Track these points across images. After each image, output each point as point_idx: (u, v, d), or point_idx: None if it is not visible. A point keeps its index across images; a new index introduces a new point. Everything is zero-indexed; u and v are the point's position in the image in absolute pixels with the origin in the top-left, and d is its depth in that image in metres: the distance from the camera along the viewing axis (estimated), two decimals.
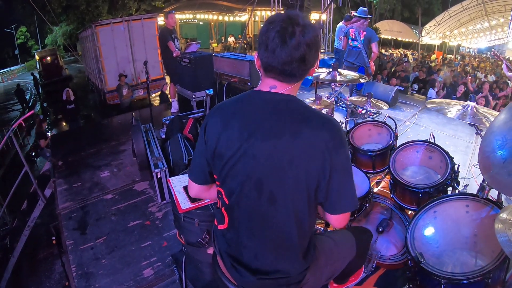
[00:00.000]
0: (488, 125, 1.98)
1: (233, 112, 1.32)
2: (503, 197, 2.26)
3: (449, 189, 2.54)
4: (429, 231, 2.04)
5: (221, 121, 1.31)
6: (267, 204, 1.27)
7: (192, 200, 2.23)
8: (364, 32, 5.64)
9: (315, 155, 1.21)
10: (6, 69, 29.46)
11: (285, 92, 1.29)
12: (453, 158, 2.53)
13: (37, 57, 20.55)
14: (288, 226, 1.29)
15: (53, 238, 3.94)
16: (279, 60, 1.20)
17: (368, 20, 5.73)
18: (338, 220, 1.37)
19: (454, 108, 2.27)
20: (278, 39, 1.18)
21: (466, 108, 2.23)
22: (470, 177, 3.57)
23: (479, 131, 2.21)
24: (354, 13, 6.01)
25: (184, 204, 2.21)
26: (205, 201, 2.22)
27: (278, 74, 1.26)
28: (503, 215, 1.43)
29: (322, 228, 2.62)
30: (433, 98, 9.06)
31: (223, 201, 1.39)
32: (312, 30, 1.20)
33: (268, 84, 1.30)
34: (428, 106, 2.40)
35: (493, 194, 2.36)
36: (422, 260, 1.76)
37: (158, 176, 3.64)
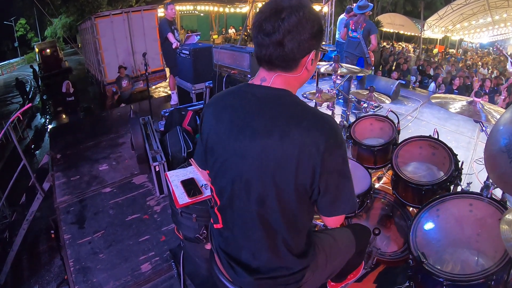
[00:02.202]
0: (493, 122, 1.94)
1: (225, 105, 1.26)
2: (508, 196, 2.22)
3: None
4: (431, 230, 2.01)
5: (213, 114, 1.27)
6: (256, 205, 1.21)
7: (190, 195, 2.19)
8: (364, 24, 5.61)
9: (305, 157, 1.12)
10: (6, 62, 29.27)
11: (277, 86, 1.20)
12: (457, 155, 2.49)
13: (36, 50, 20.43)
14: (279, 226, 1.24)
15: (52, 231, 3.92)
16: (258, 44, 1.15)
17: (367, 13, 5.69)
18: (332, 221, 1.32)
19: (459, 104, 2.23)
20: (256, 26, 1.14)
21: (471, 104, 2.18)
22: (472, 173, 3.54)
23: (484, 128, 2.16)
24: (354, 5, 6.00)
25: (182, 199, 2.18)
26: (203, 196, 2.19)
27: (262, 61, 1.20)
28: (509, 216, 1.38)
29: (322, 223, 2.59)
30: (433, 92, 9.04)
31: (214, 200, 1.35)
32: (297, 14, 1.09)
33: (259, 76, 1.24)
34: (433, 101, 2.35)
35: (496, 192, 2.33)
36: (424, 260, 1.73)
37: (157, 170, 3.60)
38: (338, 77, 3.38)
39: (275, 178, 1.15)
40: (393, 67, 12.53)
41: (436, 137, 2.73)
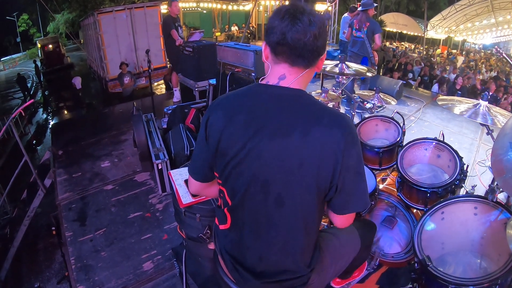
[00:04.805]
0: (499, 125, 1.93)
1: (237, 107, 1.24)
2: None
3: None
4: (436, 232, 2.00)
5: (224, 116, 1.24)
6: (274, 206, 1.21)
7: (194, 194, 2.18)
8: (368, 23, 5.58)
9: (326, 156, 1.14)
10: (8, 57, 29.31)
11: (294, 86, 1.21)
12: (462, 157, 2.47)
13: (39, 45, 20.48)
14: (295, 228, 1.24)
15: (53, 228, 3.92)
16: (292, 36, 1.13)
17: (370, 12, 5.65)
18: (342, 220, 1.33)
19: (465, 106, 2.21)
20: (289, 18, 1.14)
21: (477, 107, 2.17)
22: (474, 175, 3.53)
23: (490, 131, 2.15)
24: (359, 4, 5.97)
25: (185, 198, 2.17)
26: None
27: (288, 55, 1.18)
28: None
29: (325, 224, 2.58)
30: (436, 93, 9.02)
31: (225, 201, 1.33)
32: (320, 16, 1.17)
33: (276, 74, 1.23)
34: (439, 103, 2.34)
35: (500, 195, 2.32)
36: (429, 263, 1.72)
37: (159, 168, 3.59)
38: (344, 77, 3.37)
39: (297, 177, 1.16)
40: (395, 67, 12.50)
41: (442, 139, 2.72)
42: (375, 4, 5.69)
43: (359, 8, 5.73)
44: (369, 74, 3.12)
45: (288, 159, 1.15)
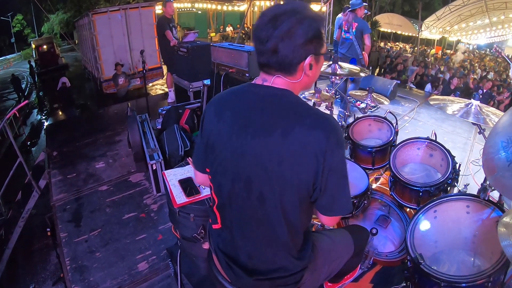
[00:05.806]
0: (491, 125, 1.94)
1: (227, 104, 1.27)
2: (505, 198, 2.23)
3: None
4: (428, 231, 2.01)
5: (215, 113, 1.27)
6: (257, 203, 1.22)
7: (188, 194, 2.19)
8: (356, 24, 5.54)
9: (307, 156, 1.12)
10: (2, 58, 29.10)
11: (278, 86, 1.21)
12: (455, 157, 2.49)
13: (33, 46, 20.33)
14: (279, 225, 1.24)
15: (48, 229, 3.90)
16: (256, 50, 1.20)
17: (360, 12, 5.61)
18: (329, 220, 1.33)
19: (457, 106, 2.23)
20: (256, 33, 1.18)
21: (469, 106, 2.19)
22: (468, 174, 3.56)
23: (482, 131, 2.17)
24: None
25: (179, 198, 2.17)
26: (201, 195, 2.18)
27: (260, 66, 1.23)
28: (506, 219, 1.39)
29: (319, 223, 2.59)
30: (429, 92, 9.08)
31: (213, 198, 1.36)
32: (290, 20, 1.11)
33: (260, 78, 1.26)
34: (431, 103, 2.36)
35: (493, 194, 2.35)
36: (422, 261, 1.74)
37: (154, 168, 3.59)
38: (337, 77, 3.38)
39: (277, 176, 1.16)
40: (391, 68, 12.54)
41: (434, 138, 2.74)
42: (364, 4, 5.62)
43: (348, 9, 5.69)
44: (362, 75, 3.14)
45: (268, 158, 1.15)
